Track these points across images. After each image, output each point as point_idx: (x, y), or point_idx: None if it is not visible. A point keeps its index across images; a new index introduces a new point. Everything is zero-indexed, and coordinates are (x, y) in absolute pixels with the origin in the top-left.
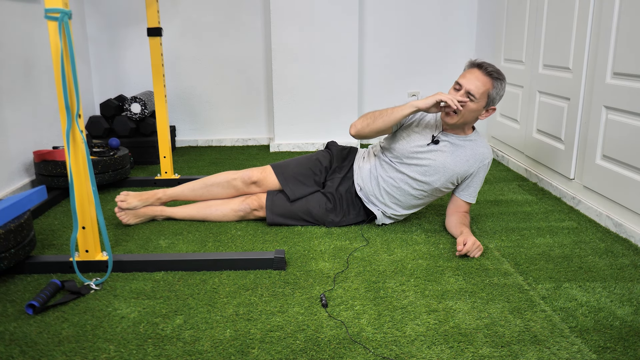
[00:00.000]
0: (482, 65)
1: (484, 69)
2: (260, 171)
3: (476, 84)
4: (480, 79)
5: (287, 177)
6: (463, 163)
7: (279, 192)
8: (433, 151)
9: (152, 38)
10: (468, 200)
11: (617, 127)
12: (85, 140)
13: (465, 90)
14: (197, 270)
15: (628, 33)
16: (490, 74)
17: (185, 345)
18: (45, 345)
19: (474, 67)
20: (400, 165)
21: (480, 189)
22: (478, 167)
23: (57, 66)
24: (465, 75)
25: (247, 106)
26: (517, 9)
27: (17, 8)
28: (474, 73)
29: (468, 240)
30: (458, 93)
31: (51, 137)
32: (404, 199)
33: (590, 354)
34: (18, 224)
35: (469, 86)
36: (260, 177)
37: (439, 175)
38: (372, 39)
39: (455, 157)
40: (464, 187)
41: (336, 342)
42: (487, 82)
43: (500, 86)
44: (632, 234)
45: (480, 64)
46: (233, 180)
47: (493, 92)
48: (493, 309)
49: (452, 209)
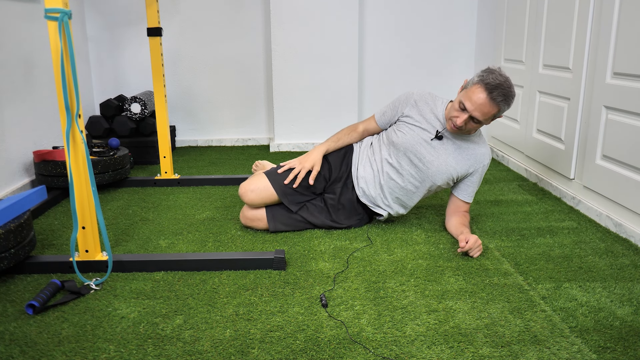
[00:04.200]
0: (492, 92)
1: (492, 98)
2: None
3: (482, 111)
4: (487, 106)
5: (286, 190)
6: (464, 163)
7: (278, 205)
8: (436, 147)
9: (152, 38)
10: (467, 200)
11: (617, 127)
12: (85, 140)
13: (470, 115)
14: (197, 270)
15: (628, 33)
16: (499, 103)
17: (185, 345)
18: (45, 345)
19: (482, 89)
20: (405, 164)
21: (478, 188)
22: (477, 167)
23: (57, 66)
24: (472, 98)
25: (247, 106)
26: (517, 9)
27: (17, 8)
28: (481, 98)
29: (470, 238)
30: (462, 115)
31: (51, 137)
32: (408, 200)
33: (590, 354)
34: (18, 224)
35: (474, 113)
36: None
37: (440, 174)
38: (372, 39)
39: (456, 156)
40: (463, 187)
41: (336, 342)
42: (495, 107)
43: (509, 105)
44: (632, 234)
45: (490, 88)
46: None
47: (500, 112)
48: (493, 309)
49: (452, 209)
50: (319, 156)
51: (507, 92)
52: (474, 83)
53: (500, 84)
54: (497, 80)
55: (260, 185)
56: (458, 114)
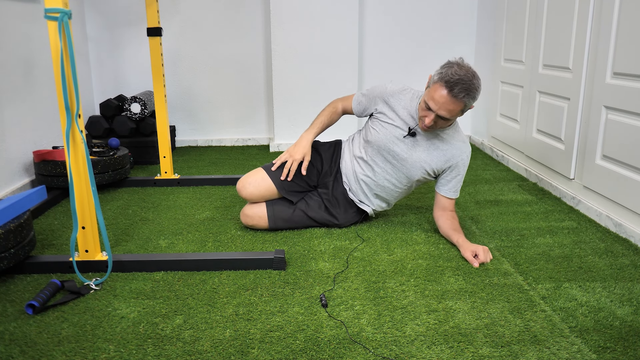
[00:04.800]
0: (452, 89)
1: (453, 95)
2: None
3: (447, 108)
4: (451, 104)
5: (283, 182)
6: (439, 158)
7: (278, 201)
8: (409, 144)
9: (152, 38)
10: (450, 195)
11: (617, 127)
12: (85, 140)
13: (436, 115)
14: (197, 270)
15: (628, 33)
16: (462, 99)
17: (185, 345)
18: (45, 345)
19: (443, 87)
20: (379, 161)
21: (478, 188)
22: (456, 161)
23: (57, 66)
24: (434, 97)
25: (247, 106)
26: (517, 9)
27: (17, 8)
28: (443, 97)
29: (478, 252)
30: (429, 115)
31: (51, 137)
32: (388, 196)
33: (590, 354)
34: (18, 224)
35: (439, 112)
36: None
37: (415, 169)
38: (372, 39)
39: (431, 152)
40: (444, 183)
41: (336, 342)
42: (459, 104)
43: (474, 99)
44: (632, 234)
45: (451, 85)
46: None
47: (467, 107)
48: (493, 309)
49: (438, 208)
50: (308, 145)
51: (469, 87)
52: (434, 82)
53: (461, 79)
54: (457, 76)
55: (258, 178)
56: (425, 114)
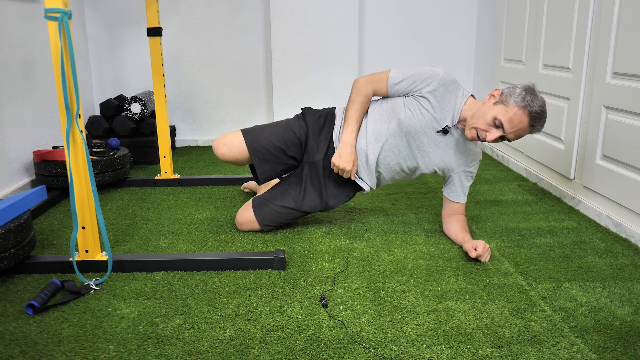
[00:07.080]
0: (535, 122)
1: (532, 125)
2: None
3: (518, 134)
4: (524, 131)
5: (261, 157)
6: (458, 160)
7: (264, 202)
8: (436, 139)
9: (152, 38)
10: (461, 200)
11: (617, 127)
12: (85, 140)
13: (504, 134)
14: (197, 270)
15: (628, 33)
16: (534, 130)
17: (185, 345)
18: (45, 345)
19: (526, 115)
20: (401, 144)
21: (479, 188)
22: (469, 166)
23: (57, 66)
24: (513, 121)
25: (247, 106)
26: (517, 9)
27: (17, 8)
28: (523, 123)
29: (478, 244)
30: (494, 133)
31: (51, 137)
32: (389, 177)
33: (590, 354)
34: (18, 224)
35: (509, 135)
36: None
37: (432, 165)
38: (372, 39)
39: (455, 152)
40: (452, 187)
41: (336, 342)
42: (528, 132)
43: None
44: (632, 234)
45: (534, 117)
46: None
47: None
48: (493, 309)
49: (448, 212)
50: (354, 151)
51: (545, 121)
52: (517, 104)
53: (543, 113)
54: (541, 109)
55: (234, 140)
56: (488, 129)
